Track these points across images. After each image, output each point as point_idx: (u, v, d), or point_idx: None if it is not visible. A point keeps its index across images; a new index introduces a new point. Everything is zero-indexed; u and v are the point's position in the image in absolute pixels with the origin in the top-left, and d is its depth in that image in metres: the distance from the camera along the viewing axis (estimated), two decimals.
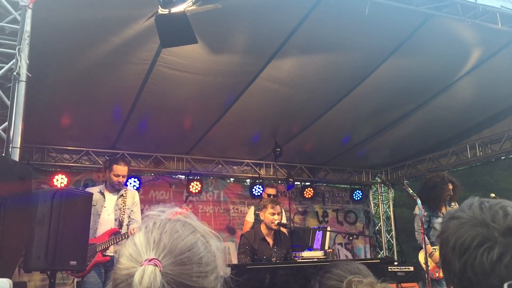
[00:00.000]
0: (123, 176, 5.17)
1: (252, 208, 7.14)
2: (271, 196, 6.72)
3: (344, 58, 5.76)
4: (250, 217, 7.05)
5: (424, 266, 5.86)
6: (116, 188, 5.20)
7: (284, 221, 6.02)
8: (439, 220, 6.15)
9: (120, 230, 4.96)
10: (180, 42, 4.37)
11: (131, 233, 4.65)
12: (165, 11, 4.05)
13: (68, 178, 7.51)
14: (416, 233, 6.23)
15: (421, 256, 6.18)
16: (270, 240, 5.17)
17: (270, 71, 5.89)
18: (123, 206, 5.10)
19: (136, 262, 0.98)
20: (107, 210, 5.05)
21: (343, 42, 5.41)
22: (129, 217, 5.19)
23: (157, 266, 0.96)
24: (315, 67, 5.90)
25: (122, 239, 4.69)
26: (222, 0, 4.31)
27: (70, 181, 7.54)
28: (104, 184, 5.34)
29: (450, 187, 6.13)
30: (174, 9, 4.04)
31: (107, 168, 5.27)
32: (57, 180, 7.39)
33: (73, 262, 3.21)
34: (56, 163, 7.73)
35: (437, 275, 6.14)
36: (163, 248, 0.99)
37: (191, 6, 4.09)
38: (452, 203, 6.34)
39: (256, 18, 4.88)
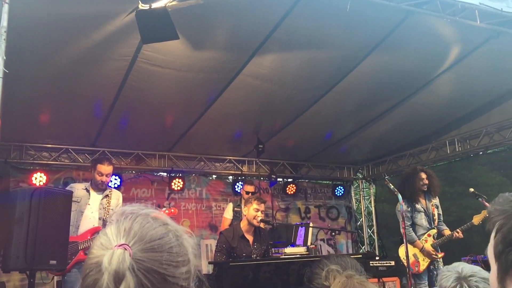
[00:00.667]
0: (106, 175, 5.18)
1: (231, 205, 7.14)
2: (249, 194, 6.74)
3: (326, 54, 5.78)
4: (228, 214, 7.04)
5: (404, 261, 5.90)
6: (100, 187, 5.19)
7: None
8: (421, 214, 6.29)
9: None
10: (161, 38, 4.33)
11: None
12: (146, 6, 4.01)
13: (47, 176, 7.39)
14: (401, 228, 6.00)
15: (401, 251, 6.24)
16: (250, 237, 5.17)
17: (252, 67, 5.87)
18: (107, 206, 5.07)
19: (106, 250, 0.99)
20: (91, 207, 5.02)
21: (324, 38, 5.43)
22: None
23: (126, 250, 0.97)
24: (297, 63, 5.91)
25: None
26: None
27: (49, 179, 7.41)
28: (90, 182, 5.33)
29: (423, 176, 6.26)
30: (155, 4, 3.99)
31: (91, 167, 5.29)
32: (36, 178, 7.26)
33: (53, 262, 3.15)
34: (34, 161, 7.59)
35: (416, 269, 6.24)
36: (133, 235, 1.01)
37: (172, 2, 4.04)
38: (433, 199, 6.47)
39: (238, 14, 4.86)
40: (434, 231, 6.32)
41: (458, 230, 6.14)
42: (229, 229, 5.50)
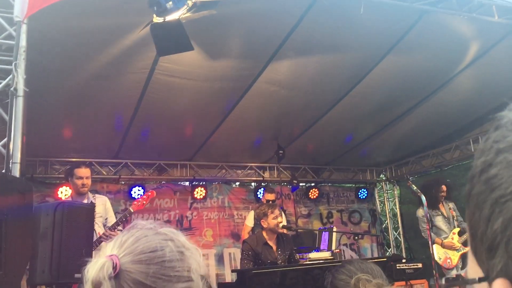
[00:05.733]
0: (86, 178, 5.04)
1: (252, 213, 7.11)
2: (270, 202, 6.73)
3: (342, 58, 5.77)
4: (250, 222, 7.02)
5: (439, 261, 6.39)
6: (81, 192, 5.04)
7: (284, 222, 6.03)
8: (439, 217, 6.71)
9: None
10: (176, 49, 4.38)
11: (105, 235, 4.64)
12: (160, 20, 4.07)
13: (73, 190, 7.50)
14: (422, 233, 6.72)
15: (435, 252, 6.43)
16: (273, 244, 5.15)
17: (268, 74, 5.89)
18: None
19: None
20: None
21: (339, 42, 5.41)
22: (105, 226, 5.10)
23: (112, 260, 0.99)
24: (314, 67, 5.90)
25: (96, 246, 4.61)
26: (217, 6, 4.32)
27: (74, 193, 7.53)
28: (71, 197, 5.27)
29: (444, 188, 6.74)
30: (169, 17, 4.05)
31: (68, 175, 5.15)
32: (61, 192, 7.38)
33: (77, 275, 3.20)
34: (60, 176, 7.73)
35: (449, 264, 6.49)
36: (125, 247, 1.04)
37: (185, 14, 4.10)
38: (450, 203, 6.81)
39: (252, 22, 4.89)
40: (458, 229, 6.60)
41: None
42: (252, 237, 5.48)
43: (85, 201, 5.08)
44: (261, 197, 8.74)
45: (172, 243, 1.08)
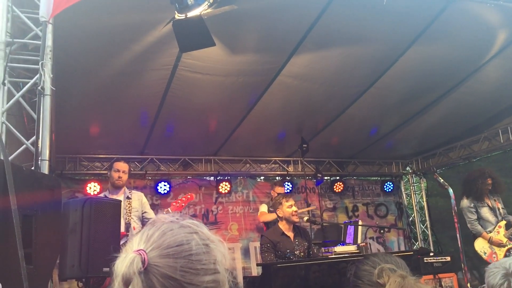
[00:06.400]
0: (123, 172, 5.28)
1: (265, 206, 7.20)
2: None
3: (365, 50, 5.69)
4: (263, 208, 7.09)
5: (482, 254, 6.38)
6: (117, 186, 5.26)
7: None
8: (485, 209, 6.58)
9: (127, 233, 5.00)
10: (198, 45, 4.41)
11: None
12: (182, 16, 4.09)
13: (101, 185, 7.67)
14: (468, 224, 6.62)
15: (477, 245, 6.50)
16: (290, 234, 5.17)
17: (290, 67, 5.87)
18: (130, 208, 5.15)
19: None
20: None
21: (362, 33, 5.35)
22: (144, 218, 5.28)
23: (140, 255, 1.00)
24: (336, 60, 5.85)
25: None
26: (238, 1, 4.32)
27: (102, 189, 7.68)
28: (107, 190, 5.43)
29: (489, 181, 6.59)
30: (190, 14, 4.06)
31: (108, 169, 5.46)
32: (90, 188, 7.55)
33: (106, 269, 3.28)
34: (88, 172, 7.91)
35: (495, 260, 6.35)
36: (152, 242, 1.04)
37: (206, 10, 4.11)
38: (496, 197, 6.69)
39: (273, 16, 4.87)
40: (504, 222, 6.50)
41: None
42: (270, 230, 5.55)
43: (121, 195, 5.25)
44: (286, 190, 8.73)
45: (197, 235, 1.09)
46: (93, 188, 7.57)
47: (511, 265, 1.82)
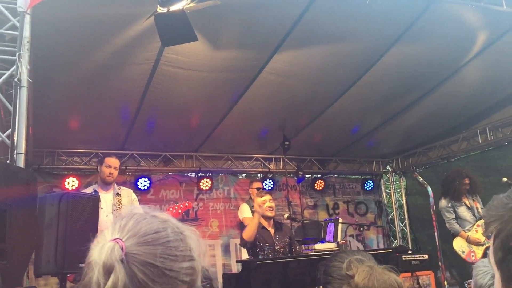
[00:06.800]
0: (114, 168, 5.19)
1: (246, 206, 7.16)
2: (260, 189, 6.90)
3: (348, 48, 5.71)
4: (248, 213, 7.07)
5: (460, 253, 6.51)
6: (107, 182, 5.16)
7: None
8: (462, 208, 6.69)
9: None
10: (180, 40, 4.36)
11: None
12: (164, 10, 4.04)
13: (79, 180, 7.56)
14: (447, 224, 6.75)
15: (456, 244, 6.64)
16: (271, 229, 5.22)
17: (274, 64, 5.85)
18: (119, 205, 5.09)
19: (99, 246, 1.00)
20: (105, 211, 5.00)
21: (346, 32, 5.36)
22: None
23: (117, 243, 0.97)
24: (320, 58, 5.85)
25: None
26: None
27: (81, 184, 7.59)
28: (96, 183, 5.32)
29: (467, 181, 6.71)
30: (173, 7, 4.02)
31: (98, 164, 5.30)
32: (68, 183, 7.44)
33: (82, 265, 3.22)
34: (66, 166, 7.78)
35: (473, 259, 6.47)
36: (127, 230, 1.02)
37: (189, 4, 4.07)
38: (474, 197, 6.81)
39: (257, 12, 4.85)
40: (482, 221, 6.54)
41: None
42: None
43: (111, 191, 5.19)
44: (267, 188, 8.74)
45: (170, 223, 1.08)
46: (71, 183, 7.46)
47: None
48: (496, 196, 1.00)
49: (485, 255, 6.43)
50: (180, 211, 5.18)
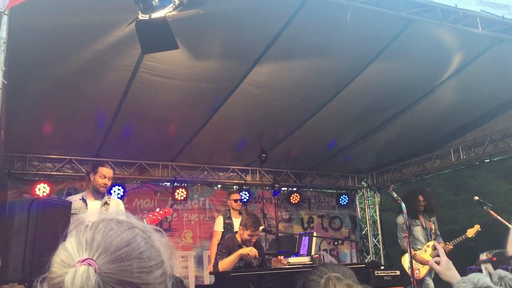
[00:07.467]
0: (109, 179, 5.00)
1: (221, 218, 7.09)
2: (238, 201, 7.04)
3: (328, 63, 5.77)
4: (219, 227, 7.00)
5: (406, 270, 6.47)
6: (100, 192, 4.98)
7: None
8: (418, 228, 6.84)
9: None
10: (161, 48, 4.33)
11: None
12: (146, 17, 4.01)
13: (50, 187, 7.40)
14: (399, 240, 6.86)
15: (403, 260, 6.75)
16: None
17: (254, 76, 5.87)
18: None
19: (68, 267, 0.90)
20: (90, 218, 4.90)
21: (326, 47, 5.42)
22: None
23: (91, 265, 0.89)
24: (299, 72, 5.90)
25: None
26: (204, 5, 4.28)
27: (52, 190, 7.42)
28: (86, 191, 5.13)
29: (421, 198, 6.81)
30: (155, 15, 3.99)
31: (91, 171, 5.09)
32: (39, 189, 7.26)
33: None
34: (38, 172, 7.61)
35: (417, 275, 6.65)
36: (96, 247, 0.92)
37: (172, 12, 4.05)
38: (431, 217, 6.93)
39: (239, 24, 4.86)
40: (432, 242, 6.70)
41: (448, 243, 6.62)
42: (227, 240, 5.59)
43: (100, 200, 5.00)
44: (242, 199, 8.67)
45: (137, 229, 1.00)
46: (42, 189, 7.29)
47: (480, 280, 1.86)
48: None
49: (429, 273, 6.63)
50: (159, 217, 5.06)
